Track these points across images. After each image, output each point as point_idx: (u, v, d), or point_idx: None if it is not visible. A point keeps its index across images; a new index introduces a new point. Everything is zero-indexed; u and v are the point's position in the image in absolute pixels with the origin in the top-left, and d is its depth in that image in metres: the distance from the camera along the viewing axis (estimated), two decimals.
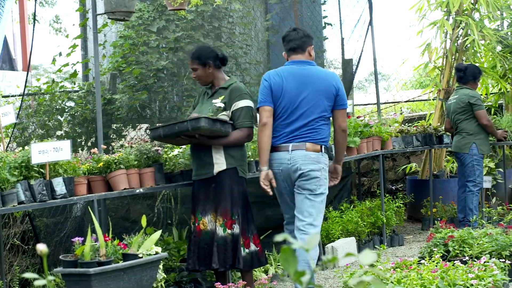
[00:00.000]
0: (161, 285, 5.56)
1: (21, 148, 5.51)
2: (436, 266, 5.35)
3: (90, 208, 5.33)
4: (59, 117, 7.54)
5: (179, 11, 6.66)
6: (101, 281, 4.65)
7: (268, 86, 5.37)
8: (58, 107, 7.52)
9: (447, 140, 8.56)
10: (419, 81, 17.25)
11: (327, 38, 9.36)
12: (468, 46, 9.16)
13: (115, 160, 5.59)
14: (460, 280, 4.96)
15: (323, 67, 8.96)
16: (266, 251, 6.16)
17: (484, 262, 5.47)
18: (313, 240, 1.86)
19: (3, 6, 6.29)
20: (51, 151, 5.07)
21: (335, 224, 7.61)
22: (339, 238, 7.43)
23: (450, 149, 8.57)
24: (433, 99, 10.51)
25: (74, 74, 7.51)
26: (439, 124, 9.22)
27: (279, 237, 1.82)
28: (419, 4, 9.65)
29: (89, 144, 7.50)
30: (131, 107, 7.52)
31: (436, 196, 8.83)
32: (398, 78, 17.05)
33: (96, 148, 5.77)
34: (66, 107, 7.58)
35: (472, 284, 4.94)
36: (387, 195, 8.86)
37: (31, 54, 7.50)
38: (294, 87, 5.34)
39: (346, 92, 6.63)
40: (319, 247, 6.60)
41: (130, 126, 7.79)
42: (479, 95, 8.18)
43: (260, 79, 8.51)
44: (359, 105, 13.43)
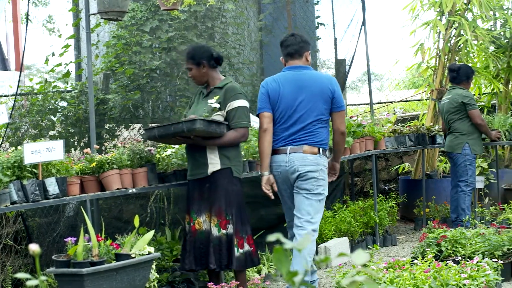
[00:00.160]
0: (154, 285, 5.55)
1: (14, 148, 5.48)
2: (429, 266, 5.36)
3: (83, 208, 5.32)
4: (52, 117, 7.52)
5: (172, 11, 6.66)
6: (93, 281, 4.65)
7: (266, 92, 5.48)
8: (51, 107, 7.50)
9: (440, 140, 8.59)
10: (412, 81, 17.30)
11: (320, 38, 9.37)
12: (461, 46, 9.18)
13: (108, 160, 5.59)
14: (452, 280, 4.97)
15: (316, 67, 8.98)
16: (259, 251, 6.16)
17: (477, 262, 5.49)
18: (305, 240, 1.87)
19: None
20: (44, 151, 5.06)
21: (328, 224, 7.62)
22: (332, 238, 7.44)
23: (443, 149, 8.59)
24: (426, 99, 10.53)
25: (67, 74, 7.49)
26: (432, 124, 9.24)
27: (271, 237, 1.83)
28: (412, 4, 9.67)
29: (82, 144, 7.49)
30: (124, 107, 7.52)
31: (429, 196, 8.84)
32: (391, 78, 17.12)
33: (89, 148, 5.76)
34: (59, 107, 7.56)
35: (464, 284, 4.95)
36: (380, 195, 8.88)
37: (24, 54, 7.49)
38: (290, 92, 5.43)
39: None
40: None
41: (123, 126, 7.78)
42: (472, 95, 8.20)
43: (253, 79, 8.56)
44: (352, 105, 13.47)
